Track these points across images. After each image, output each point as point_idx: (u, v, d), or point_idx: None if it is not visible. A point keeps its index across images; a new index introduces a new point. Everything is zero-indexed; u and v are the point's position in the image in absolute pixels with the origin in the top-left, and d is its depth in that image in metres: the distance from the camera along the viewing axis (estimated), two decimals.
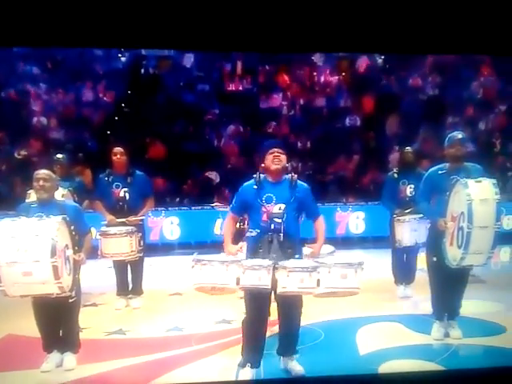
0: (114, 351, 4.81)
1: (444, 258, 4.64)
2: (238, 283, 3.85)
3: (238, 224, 6.63)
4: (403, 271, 6.45)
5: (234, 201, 4.34)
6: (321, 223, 4.33)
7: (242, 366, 4.16)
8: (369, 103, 12.91)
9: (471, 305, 5.22)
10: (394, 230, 6.28)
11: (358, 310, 5.61)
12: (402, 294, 6.39)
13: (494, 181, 4.51)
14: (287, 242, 4.06)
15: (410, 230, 6.08)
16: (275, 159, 4.13)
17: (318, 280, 3.82)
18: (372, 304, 5.87)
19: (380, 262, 6.82)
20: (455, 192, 4.56)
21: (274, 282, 3.81)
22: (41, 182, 4.34)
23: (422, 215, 5.77)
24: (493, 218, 4.36)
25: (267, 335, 4.28)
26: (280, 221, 4.04)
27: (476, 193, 4.36)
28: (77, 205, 4.87)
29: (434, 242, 4.82)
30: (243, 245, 4.25)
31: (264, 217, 4.07)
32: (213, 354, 4.70)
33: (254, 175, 4.23)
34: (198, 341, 5.03)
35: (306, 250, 4.28)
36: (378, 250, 8.05)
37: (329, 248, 4.97)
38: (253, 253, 4.08)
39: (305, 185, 4.29)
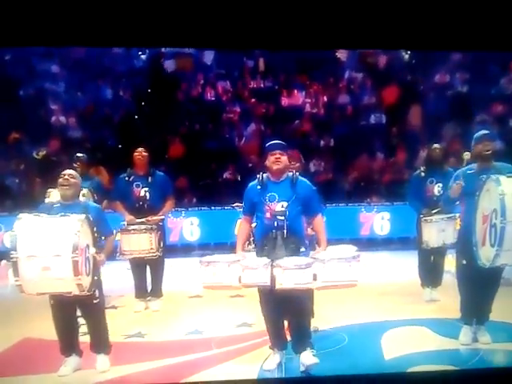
0: (133, 355, 4.81)
1: (475, 261, 4.54)
2: (239, 281, 4.07)
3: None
4: (430, 273, 6.37)
5: (243, 203, 4.58)
6: (319, 223, 4.48)
7: (271, 348, 4.51)
8: (393, 99, 12.78)
9: (501, 309, 5.09)
10: (420, 231, 6.19)
11: (383, 313, 5.56)
12: (428, 297, 6.30)
13: None
14: (291, 238, 4.26)
15: (437, 230, 5.99)
16: (276, 160, 4.35)
17: (315, 275, 3.96)
18: (397, 307, 5.81)
19: (406, 263, 6.77)
20: (486, 190, 4.46)
21: (273, 279, 3.99)
22: (66, 177, 4.41)
23: (450, 215, 5.73)
24: None
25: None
26: (283, 218, 4.24)
27: (509, 187, 4.26)
28: (99, 206, 4.92)
29: (464, 244, 4.74)
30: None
31: (268, 215, 4.29)
32: (233, 358, 4.69)
33: (258, 175, 4.46)
34: (218, 344, 5.03)
35: (329, 249, 4.29)
36: (404, 252, 7.98)
37: (352, 249, 4.92)
38: (259, 250, 4.36)
39: (307, 182, 4.47)
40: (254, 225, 4.66)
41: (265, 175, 4.43)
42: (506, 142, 10.46)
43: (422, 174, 6.31)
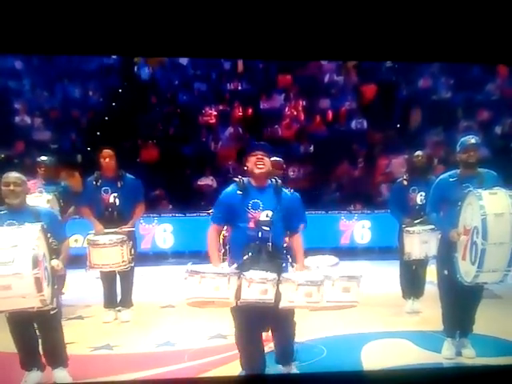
0: (101, 368, 4.77)
1: (456, 273, 4.61)
2: (237, 297, 3.82)
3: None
4: (412, 284, 6.42)
5: (215, 210, 4.26)
6: (298, 239, 4.30)
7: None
8: (375, 104, 12.90)
9: (485, 321, 5.16)
10: (402, 242, 6.24)
11: (363, 325, 5.58)
12: (410, 308, 6.36)
13: (510, 192, 4.44)
14: (275, 251, 4.06)
15: (420, 242, 6.05)
16: (258, 162, 4.09)
17: (322, 294, 3.85)
18: (378, 319, 5.84)
19: (387, 274, 6.81)
20: (468, 203, 4.52)
21: (278, 296, 3.82)
22: (11, 187, 4.22)
23: (433, 226, 5.74)
24: (509, 234, 4.30)
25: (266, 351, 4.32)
26: (268, 229, 4.03)
27: (491, 206, 4.31)
28: (52, 210, 4.81)
29: (446, 255, 4.80)
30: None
31: (251, 224, 4.06)
32: (207, 371, 4.68)
33: (236, 179, 4.20)
34: (191, 357, 5.01)
35: (307, 260, 4.28)
36: (385, 262, 8.04)
37: (333, 259, 4.95)
38: (238, 263, 4.03)
39: (289, 192, 4.28)
40: (225, 234, 4.49)
41: (245, 179, 4.18)
42: (491, 149, 10.64)
43: (405, 182, 6.36)
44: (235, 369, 4.58)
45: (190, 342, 5.40)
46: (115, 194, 6.04)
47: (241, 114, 12.75)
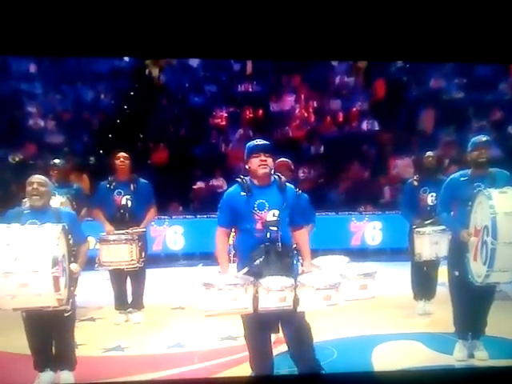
0: (112, 369, 4.79)
1: (467, 273, 4.57)
2: (255, 305, 3.73)
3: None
4: (423, 286, 6.38)
5: (220, 212, 4.16)
6: (304, 235, 4.24)
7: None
8: (386, 104, 12.85)
9: (498, 323, 5.11)
10: (413, 243, 6.20)
11: (374, 327, 5.55)
12: (421, 310, 6.31)
13: None
14: (285, 250, 3.98)
15: (430, 243, 6.00)
16: (261, 163, 4.01)
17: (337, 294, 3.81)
18: (389, 321, 5.81)
19: (398, 275, 6.77)
20: (478, 203, 4.47)
21: (296, 300, 3.75)
22: (35, 186, 4.30)
23: (443, 227, 5.68)
24: None
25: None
26: (276, 229, 3.95)
27: (501, 205, 4.26)
28: (73, 212, 4.86)
29: (457, 256, 4.75)
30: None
31: (258, 226, 3.97)
32: (217, 372, 4.68)
33: (238, 179, 4.12)
34: (201, 358, 5.01)
35: (318, 260, 4.25)
36: (396, 263, 7.99)
37: (343, 259, 4.92)
38: (248, 265, 3.96)
39: (292, 186, 4.20)
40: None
41: (247, 179, 4.08)
42: (503, 149, 10.55)
43: (415, 182, 6.32)
44: (245, 370, 4.56)
45: (200, 344, 5.40)
46: (128, 197, 6.11)
47: (251, 115, 12.75)
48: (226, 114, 12.75)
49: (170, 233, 10.11)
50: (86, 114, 12.43)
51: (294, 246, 4.23)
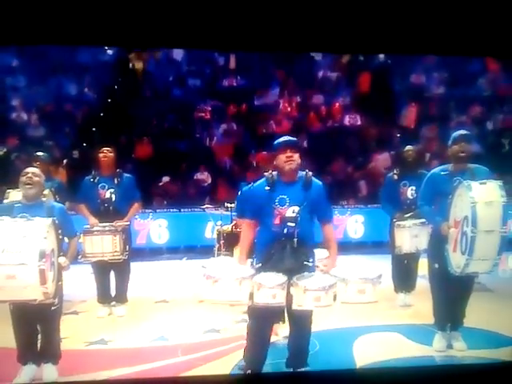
0: (95, 362, 4.76)
1: (447, 265, 4.61)
2: (250, 299, 3.84)
3: (231, 227, 6.65)
4: (403, 278, 6.43)
5: (245, 205, 4.29)
6: (330, 230, 4.28)
7: (244, 370, 4.23)
8: (369, 99, 12.90)
9: (476, 315, 5.18)
10: (393, 236, 6.24)
11: (355, 319, 5.59)
12: (402, 302, 6.37)
13: (500, 182, 4.45)
14: (301, 247, 4.02)
15: (410, 236, 6.04)
16: (288, 159, 4.05)
17: (335, 295, 3.85)
18: (370, 313, 5.82)
19: (379, 268, 6.78)
20: (458, 195, 4.53)
21: (290, 298, 3.82)
22: (29, 175, 4.30)
23: (423, 220, 5.74)
24: (499, 222, 4.30)
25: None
26: (293, 225, 3.98)
27: (480, 195, 4.32)
28: (64, 206, 4.84)
29: (436, 248, 4.80)
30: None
31: (276, 220, 4.01)
32: (200, 365, 4.67)
33: (266, 174, 4.16)
34: (184, 351, 5.00)
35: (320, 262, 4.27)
36: (378, 256, 8.02)
37: (324, 253, 4.94)
38: (264, 259, 4.04)
39: (319, 183, 4.21)
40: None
41: (274, 174, 4.12)
42: (483, 145, 10.66)
43: (396, 176, 6.36)
44: (228, 363, 4.62)
45: (183, 337, 5.39)
46: (112, 190, 6.08)
47: (235, 109, 12.73)
48: (210, 108, 12.72)
49: (155, 226, 10.07)
50: (69, 107, 12.33)
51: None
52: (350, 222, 10.49)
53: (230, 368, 4.54)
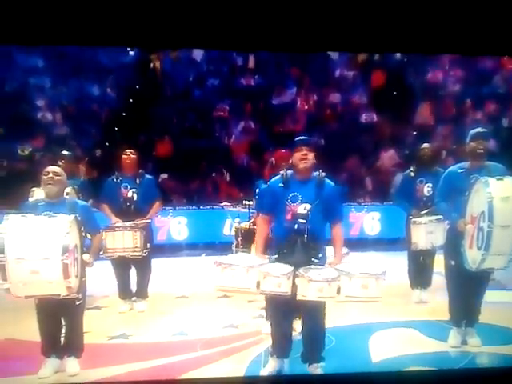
0: (117, 356, 4.80)
1: (463, 262, 4.57)
2: (258, 287, 3.94)
3: (249, 224, 6.66)
4: (419, 274, 6.40)
5: (261, 200, 4.42)
6: (337, 231, 4.31)
7: (271, 354, 4.36)
8: (385, 97, 12.80)
9: (491, 311, 5.14)
10: (409, 232, 6.21)
11: (371, 315, 5.56)
12: (417, 298, 6.34)
13: None
14: (311, 243, 4.09)
15: (426, 232, 6.02)
16: (303, 158, 4.15)
17: (339, 288, 3.89)
18: (386, 309, 5.79)
19: (396, 264, 6.75)
20: (475, 191, 4.49)
21: (295, 288, 3.89)
22: (50, 175, 4.33)
23: (439, 217, 5.72)
24: None
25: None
26: (304, 221, 4.07)
27: (497, 190, 4.28)
28: (87, 204, 4.89)
29: (453, 245, 4.76)
30: None
31: (288, 216, 4.11)
32: (219, 359, 4.69)
33: (281, 171, 4.26)
34: (204, 346, 5.02)
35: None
36: (394, 253, 7.99)
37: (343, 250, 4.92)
38: (276, 254, 4.15)
39: (332, 184, 4.28)
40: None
41: (289, 172, 4.24)
42: (500, 142, 10.52)
43: (412, 173, 6.34)
44: (246, 358, 4.63)
45: (202, 332, 5.41)
46: (134, 190, 6.16)
47: (253, 108, 12.72)
48: (228, 107, 12.72)
49: (174, 223, 10.13)
50: (93, 107, 12.41)
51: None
52: (367, 219, 10.46)
53: (248, 363, 4.56)
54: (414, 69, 13.14)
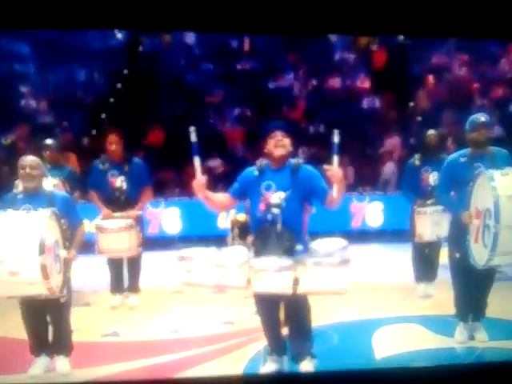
0: (108, 355, 4.82)
1: (468, 256, 4.59)
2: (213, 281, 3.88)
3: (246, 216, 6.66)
4: (424, 268, 6.40)
5: (234, 183, 4.31)
6: (331, 193, 4.02)
7: (269, 353, 4.33)
8: (386, 83, 12.79)
9: (499, 305, 5.17)
10: (414, 223, 6.22)
11: (374, 310, 5.60)
12: (422, 292, 6.35)
13: None
14: (286, 234, 3.98)
15: (431, 223, 6.02)
16: (278, 143, 4.05)
17: (297, 279, 3.70)
18: (390, 304, 5.86)
19: (400, 257, 6.80)
20: (479, 184, 4.48)
21: (248, 280, 3.81)
22: (27, 170, 4.30)
23: None
24: None
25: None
26: (277, 211, 3.99)
27: (503, 187, 4.26)
28: (67, 195, 4.88)
29: (457, 237, 4.76)
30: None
31: (262, 206, 4.05)
32: (215, 358, 4.71)
33: (257, 161, 4.21)
34: (199, 344, 5.03)
35: (315, 244, 4.23)
36: (398, 245, 8.01)
37: (341, 242, 4.90)
38: (252, 245, 4.10)
39: (310, 169, 4.17)
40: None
41: (265, 161, 4.16)
42: (504, 128, 10.54)
43: (417, 162, 6.31)
44: (243, 356, 4.66)
45: (197, 329, 5.43)
46: (122, 178, 6.08)
47: (248, 94, 12.69)
48: (222, 93, 12.69)
49: (167, 215, 10.11)
50: (79, 93, 12.37)
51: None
52: (369, 210, 10.41)
53: (245, 361, 4.58)
54: (418, 52, 13.13)
